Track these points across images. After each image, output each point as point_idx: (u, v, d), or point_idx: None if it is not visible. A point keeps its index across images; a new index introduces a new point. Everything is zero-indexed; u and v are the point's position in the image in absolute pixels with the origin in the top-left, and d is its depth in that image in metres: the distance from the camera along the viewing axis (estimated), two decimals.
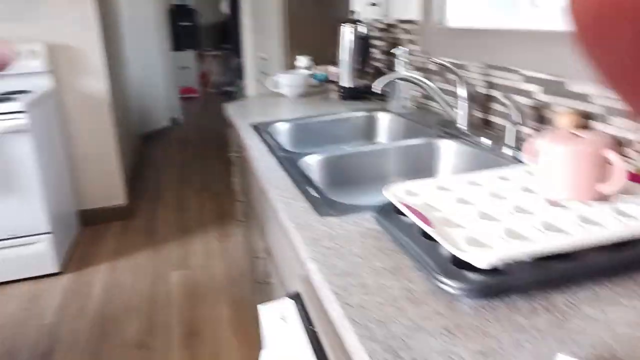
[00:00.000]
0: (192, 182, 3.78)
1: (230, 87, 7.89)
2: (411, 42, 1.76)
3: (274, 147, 1.29)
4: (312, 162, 1.21)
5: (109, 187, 3.01)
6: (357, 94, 1.86)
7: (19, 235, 2.34)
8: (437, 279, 0.59)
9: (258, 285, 1.53)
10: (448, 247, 0.60)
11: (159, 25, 5.36)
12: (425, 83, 1.37)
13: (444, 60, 1.39)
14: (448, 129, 1.35)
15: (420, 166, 1.31)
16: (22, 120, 2.26)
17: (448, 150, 1.29)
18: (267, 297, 1.27)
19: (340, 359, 0.59)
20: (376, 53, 2.04)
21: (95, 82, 2.87)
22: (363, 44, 1.86)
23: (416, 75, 1.38)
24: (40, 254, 2.39)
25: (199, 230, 2.92)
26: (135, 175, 3.22)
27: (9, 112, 2.24)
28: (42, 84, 2.71)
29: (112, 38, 3.53)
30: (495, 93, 1.30)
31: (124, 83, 4.01)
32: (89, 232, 2.93)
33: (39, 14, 2.69)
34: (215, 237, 2.81)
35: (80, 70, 2.84)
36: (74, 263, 2.59)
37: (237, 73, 8.19)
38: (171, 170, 4.09)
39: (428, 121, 1.47)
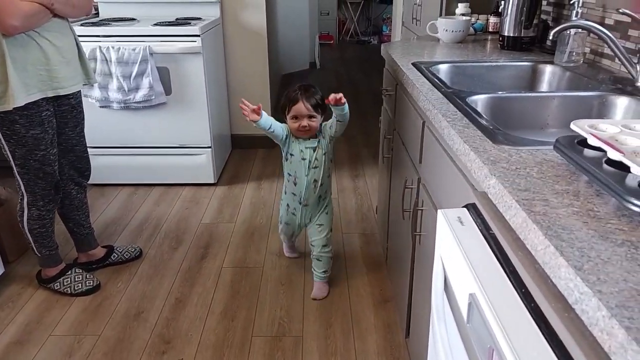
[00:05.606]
0: None
1: (366, 37, 7.90)
2: None
3: (437, 84, 1.35)
4: (477, 101, 1.25)
5: None
6: (520, 45, 1.82)
7: (187, 146, 2.70)
8: (625, 200, 0.63)
9: (404, 214, 1.63)
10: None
11: None
12: (605, 33, 1.32)
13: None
14: (623, 86, 1.29)
15: None
16: (195, 43, 2.54)
17: (622, 106, 1.23)
18: (414, 224, 1.37)
19: (522, 258, 0.66)
20: (543, 5, 1.95)
21: (255, 15, 3.08)
22: None
23: (596, 25, 1.33)
24: (202, 165, 2.74)
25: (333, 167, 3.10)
26: (277, 109, 3.45)
27: (186, 34, 2.53)
28: (211, 12, 2.97)
29: None
30: None
31: (275, 22, 4.23)
32: (238, 154, 3.26)
33: None
34: (347, 175, 2.97)
35: (243, 3, 3.06)
36: (226, 178, 2.92)
37: (373, 22, 8.15)
38: None
39: (598, 77, 1.41)
